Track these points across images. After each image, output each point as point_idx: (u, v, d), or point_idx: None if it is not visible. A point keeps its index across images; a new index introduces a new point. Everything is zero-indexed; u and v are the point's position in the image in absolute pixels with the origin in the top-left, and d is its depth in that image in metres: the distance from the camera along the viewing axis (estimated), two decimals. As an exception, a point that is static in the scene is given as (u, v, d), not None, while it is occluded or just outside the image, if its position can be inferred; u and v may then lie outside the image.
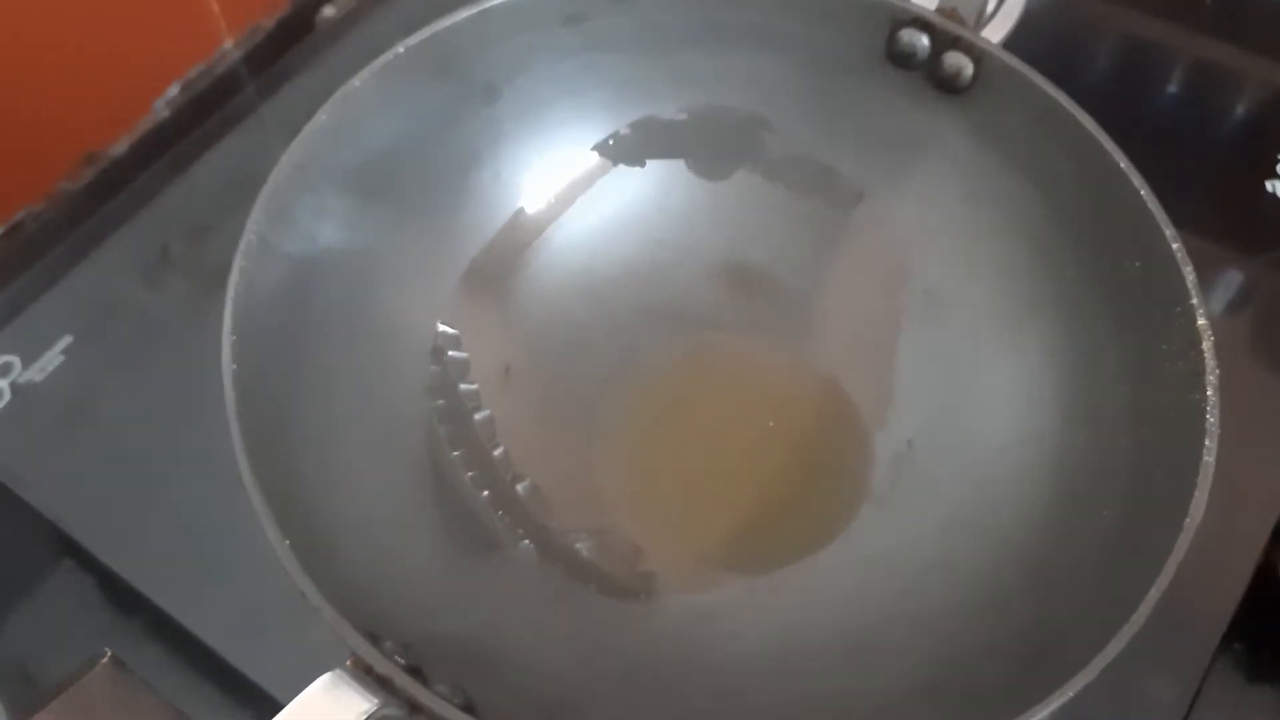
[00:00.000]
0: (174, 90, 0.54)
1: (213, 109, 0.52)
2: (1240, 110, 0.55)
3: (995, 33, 0.49)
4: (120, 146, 0.54)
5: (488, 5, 0.38)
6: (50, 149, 0.52)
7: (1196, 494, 0.31)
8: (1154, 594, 0.30)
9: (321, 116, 0.36)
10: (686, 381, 0.42)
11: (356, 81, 0.37)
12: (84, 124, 0.53)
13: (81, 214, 0.49)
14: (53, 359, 0.44)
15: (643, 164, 0.43)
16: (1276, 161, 0.50)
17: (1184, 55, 0.56)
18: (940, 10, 0.39)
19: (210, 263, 0.47)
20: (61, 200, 0.53)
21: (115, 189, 0.50)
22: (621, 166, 0.43)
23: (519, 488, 0.39)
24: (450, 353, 0.40)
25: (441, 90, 0.39)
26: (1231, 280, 0.49)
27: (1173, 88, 0.55)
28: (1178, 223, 0.35)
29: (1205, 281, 0.34)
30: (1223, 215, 0.50)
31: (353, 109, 0.37)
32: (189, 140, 0.51)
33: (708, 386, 0.42)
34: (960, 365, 0.40)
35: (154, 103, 0.54)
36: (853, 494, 0.39)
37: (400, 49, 0.37)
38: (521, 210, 0.42)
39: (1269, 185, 0.50)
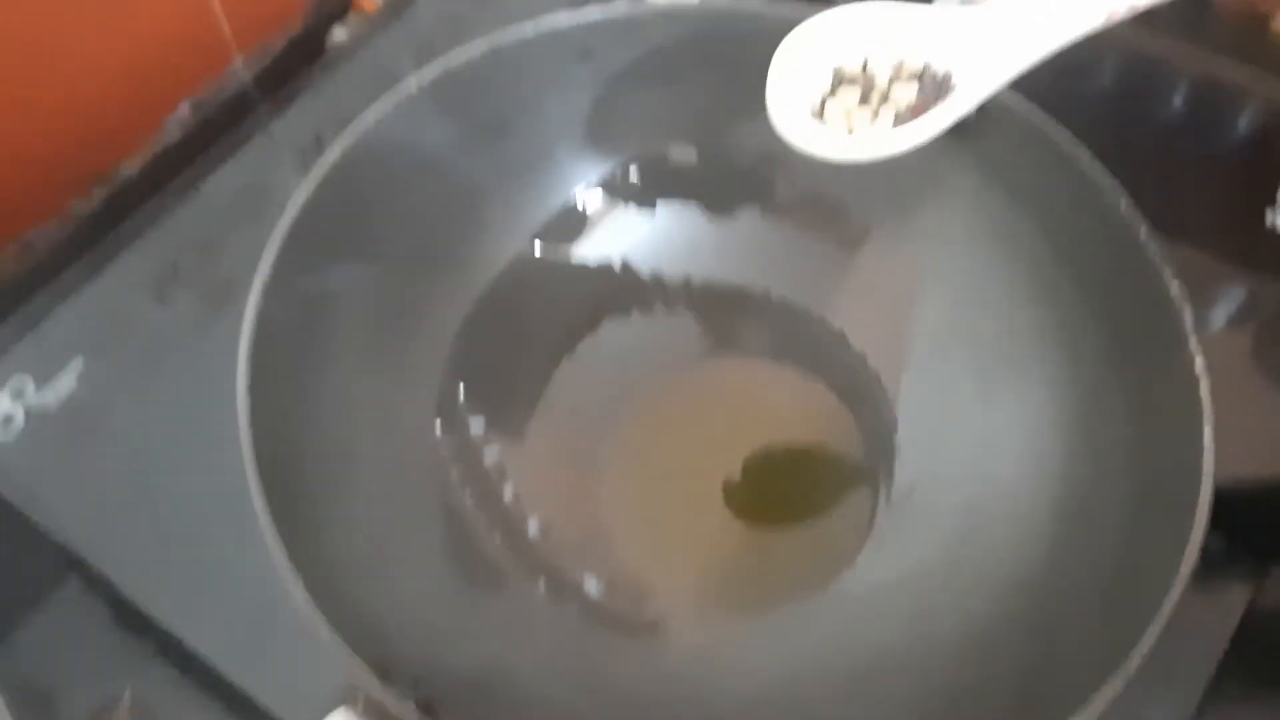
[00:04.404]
0: (184, 109, 0.55)
1: (223, 128, 0.52)
2: (1245, 127, 0.55)
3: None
4: (131, 165, 0.54)
5: (499, 42, 0.39)
6: (61, 168, 0.52)
7: (1194, 534, 0.31)
8: (1152, 630, 0.30)
9: (335, 151, 0.36)
10: (692, 416, 0.42)
11: (370, 117, 0.37)
12: (95, 143, 0.53)
13: (92, 233, 0.49)
14: (65, 380, 0.44)
15: (651, 201, 0.44)
16: (1278, 187, 0.50)
17: (1189, 72, 0.56)
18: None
19: (221, 281, 0.47)
20: (72, 219, 0.53)
21: (126, 208, 0.50)
22: (630, 203, 0.44)
23: (528, 527, 0.39)
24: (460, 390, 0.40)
25: (453, 126, 0.40)
26: (1234, 296, 0.49)
27: (1178, 103, 0.55)
28: (1179, 238, 0.35)
29: (1207, 297, 0.34)
30: (1225, 231, 0.50)
31: (365, 144, 0.37)
32: (200, 159, 0.51)
33: (713, 422, 0.42)
34: (964, 400, 0.41)
35: (165, 121, 0.55)
36: (856, 530, 0.40)
37: (413, 87, 0.38)
38: (530, 244, 0.43)
39: (1269, 216, 0.50)
